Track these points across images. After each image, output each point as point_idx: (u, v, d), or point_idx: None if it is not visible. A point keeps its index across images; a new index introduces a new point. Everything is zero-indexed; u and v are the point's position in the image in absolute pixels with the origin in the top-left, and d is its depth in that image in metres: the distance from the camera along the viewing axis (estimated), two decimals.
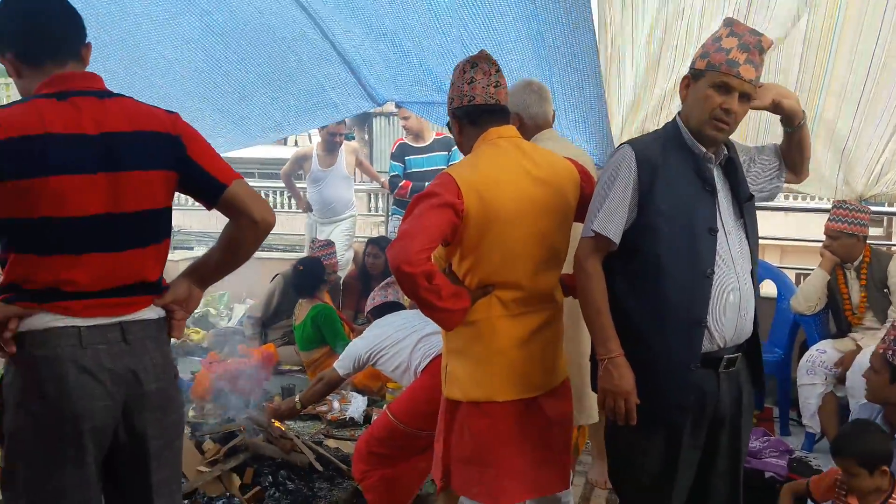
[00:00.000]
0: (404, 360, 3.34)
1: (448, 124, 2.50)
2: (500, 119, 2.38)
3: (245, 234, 2.01)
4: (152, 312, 1.97)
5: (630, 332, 2.21)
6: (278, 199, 14.76)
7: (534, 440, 2.38)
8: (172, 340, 2.07)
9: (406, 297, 3.52)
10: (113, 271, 1.88)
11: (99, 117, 1.85)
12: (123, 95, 1.95)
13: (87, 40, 1.98)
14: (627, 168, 2.20)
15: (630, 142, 2.28)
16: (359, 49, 4.05)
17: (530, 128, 3.13)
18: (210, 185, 1.97)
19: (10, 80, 1.96)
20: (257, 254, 2.14)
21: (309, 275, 5.27)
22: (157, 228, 1.97)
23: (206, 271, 2.10)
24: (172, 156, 1.94)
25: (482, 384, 2.33)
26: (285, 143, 21.57)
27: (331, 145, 6.42)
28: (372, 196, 13.60)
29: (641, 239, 2.20)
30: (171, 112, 1.99)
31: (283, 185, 7.11)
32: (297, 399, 3.69)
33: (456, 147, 6.13)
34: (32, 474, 1.84)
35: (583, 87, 3.49)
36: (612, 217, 2.19)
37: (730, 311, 2.18)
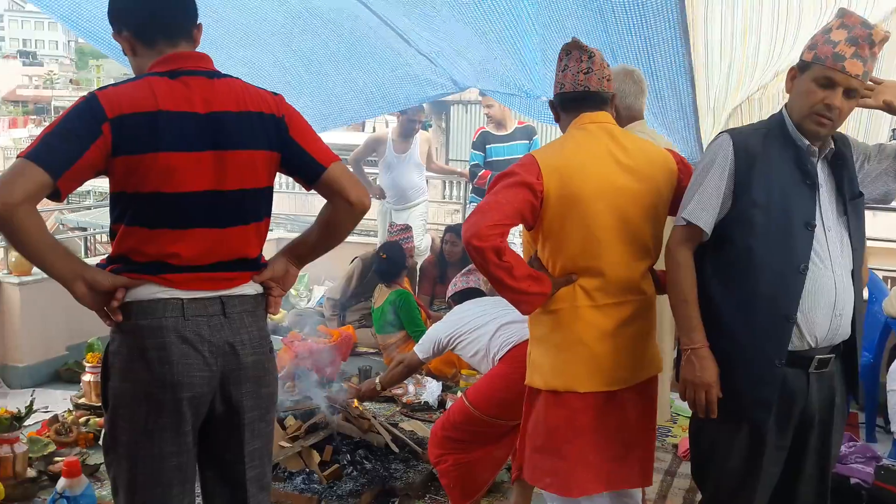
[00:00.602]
0: (483, 347, 3.36)
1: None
2: (592, 105, 2.35)
3: (341, 215, 2.06)
4: (251, 288, 2.02)
5: (716, 325, 2.18)
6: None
7: (612, 435, 2.35)
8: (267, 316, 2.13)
9: (487, 283, 3.54)
10: (215, 247, 1.94)
11: (208, 96, 1.91)
12: (231, 76, 2.00)
13: (198, 21, 2.04)
14: (724, 156, 2.16)
15: (730, 130, 2.24)
16: (443, 36, 4.06)
17: (623, 117, 3.10)
18: (310, 166, 2.02)
19: (101, 60, 2.03)
20: None
21: (392, 262, 5.34)
22: (258, 207, 2.02)
23: (303, 250, 2.15)
24: (276, 136, 1.98)
25: (562, 374, 2.31)
26: (362, 129, 21.81)
27: (408, 130, 6.43)
28: (447, 183, 13.62)
29: (734, 230, 2.16)
30: (276, 94, 2.04)
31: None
32: (377, 381, 3.75)
33: (537, 136, 6.17)
34: (134, 439, 1.92)
35: (675, 83, 3.41)
36: (705, 206, 2.16)
37: (823, 310, 2.11)
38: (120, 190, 1.87)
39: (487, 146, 6.18)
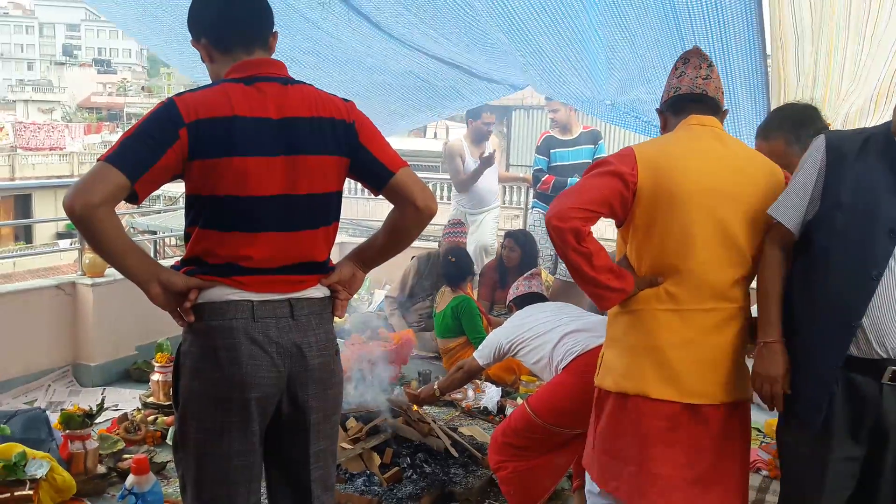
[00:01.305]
0: (546, 355, 3.32)
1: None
2: (704, 108, 2.31)
3: (408, 220, 2.07)
4: (318, 291, 2.05)
5: (789, 324, 2.19)
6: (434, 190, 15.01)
7: (691, 453, 2.22)
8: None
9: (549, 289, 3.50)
10: (286, 250, 1.97)
11: (282, 102, 1.94)
12: (304, 82, 2.03)
13: (275, 29, 2.08)
14: (815, 156, 2.14)
15: (828, 131, 2.20)
16: (512, 33, 4.05)
17: None
18: (379, 171, 2.04)
19: (172, 69, 2.09)
20: None
21: (459, 266, 5.35)
22: (328, 211, 2.05)
23: (370, 255, 2.16)
24: (346, 142, 2.01)
25: (634, 376, 2.24)
26: (423, 135, 21.99)
27: (480, 136, 6.44)
28: (507, 189, 13.59)
29: (816, 230, 2.14)
30: (347, 100, 2.06)
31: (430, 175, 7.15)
32: (435, 386, 3.74)
33: (603, 140, 6.10)
34: (203, 437, 1.96)
35: (751, 87, 3.35)
36: (787, 201, 2.16)
37: (894, 320, 2.03)
38: (195, 193, 1.92)
39: (552, 151, 6.13)
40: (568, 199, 2.16)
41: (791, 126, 2.64)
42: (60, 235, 24.76)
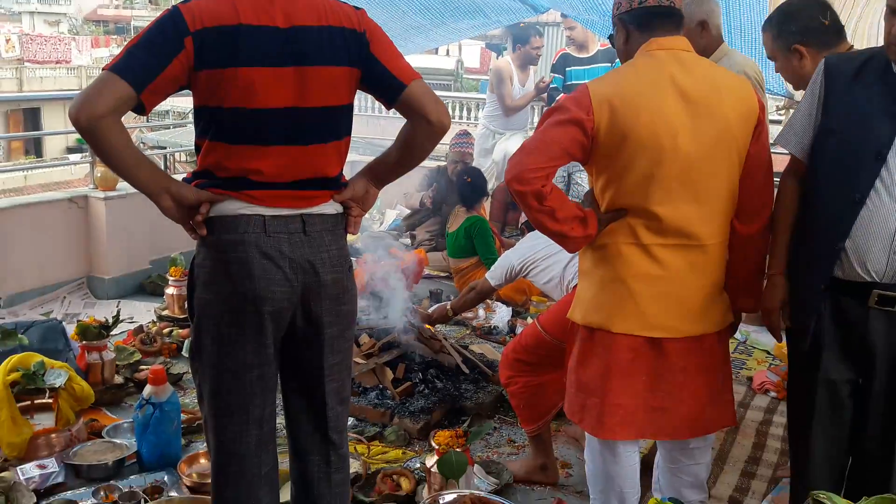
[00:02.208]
0: (557, 275, 3.33)
1: (611, 36, 2.33)
2: (672, 24, 2.17)
3: (421, 134, 2.01)
4: (331, 207, 2.02)
5: (789, 252, 2.24)
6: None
7: (651, 383, 2.22)
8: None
9: None
10: (296, 164, 1.93)
11: (289, 10, 1.87)
12: None
13: None
14: (815, 80, 2.13)
15: (831, 55, 2.12)
16: None
17: (715, 38, 2.95)
18: (390, 83, 1.97)
19: None
20: None
21: (475, 186, 5.31)
22: (338, 125, 2.00)
23: (383, 170, 2.12)
24: (357, 52, 1.94)
25: (599, 310, 2.22)
26: (436, 52, 21.55)
27: (528, 60, 6.33)
28: (529, 109, 13.41)
29: (813, 157, 2.15)
30: (358, 8, 1.99)
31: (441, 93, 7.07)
32: (448, 307, 3.77)
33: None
34: (217, 348, 1.97)
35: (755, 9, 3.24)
36: (794, 130, 2.15)
37: (878, 242, 2.01)
38: (203, 104, 1.88)
39: (568, 69, 6.00)
40: (528, 157, 2.07)
41: (777, 20, 2.57)
42: (70, 150, 24.72)
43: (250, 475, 2.04)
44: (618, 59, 2.33)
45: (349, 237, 2.16)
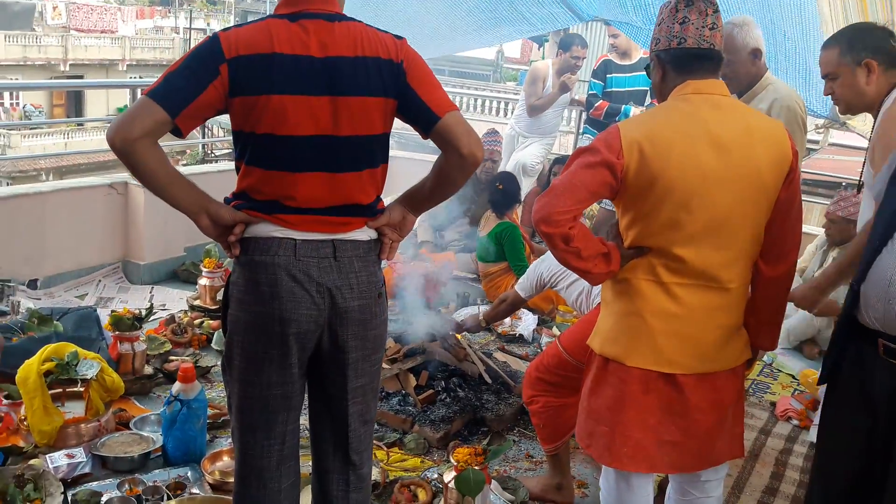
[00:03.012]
0: (585, 289, 3.34)
1: (647, 67, 2.29)
2: (710, 67, 2.14)
3: (453, 166, 2.02)
4: (364, 234, 2.04)
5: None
6: (477, 102, 14.73)
7: (664, 418, 2.22)
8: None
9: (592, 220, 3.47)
10: (327, 192, 1.96)
11: (326, 40, 1.90)
12: (354, 19, 1.97)
13: None
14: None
15: None
16: None
17: (762, 66, 2.92)
18: (425, 115, 1.98)
19: None
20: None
21: (507, 193, 5.30)
22: (373, 153, 2.02)
23: (419, 199, 2.14)
24: (393, 83, 1.96)
25: (616, 342, 2.23)
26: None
27: (567, 68, 6.24)
28: (565, 109, 13.28)
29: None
30: (399, 38, 2.00)
31: (475, 91, 7.06)
32: (481, 317, 3.81)
33: None
34: (245, 365, 2.03)
35: (807, 32, 3.20)
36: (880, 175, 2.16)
37: (875, 291, 2.02)
38: (239, 129, 1.93)
39: (608, 75, 5.95)
40: (556, 199, 2.06)
41: (849, 35, 2.64)
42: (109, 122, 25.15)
43: (270, 489, 2.10)
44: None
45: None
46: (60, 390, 3.18)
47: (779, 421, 3.96)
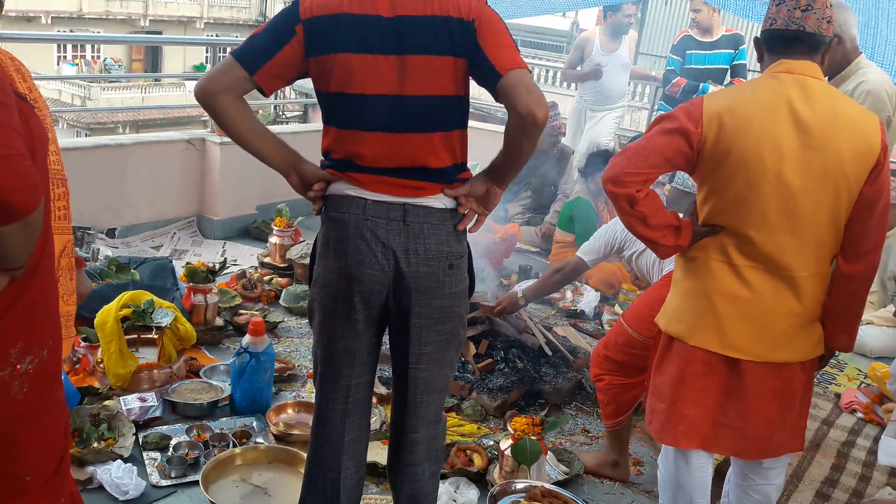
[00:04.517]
0: (656, 258, 3.27)
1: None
2: (800, 50, 2.09)
3: (513, 128, 1.92)
4: (438, 201, 2.02)
5: None
6: (549, 74, 14.57)
7: (720, 399, 2.21)
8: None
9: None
10: (395, 152, 1.97)
11: (396, 0, 1.90)
12: None
13: None
14: None
15: None
16: None
17: (850, 50, 2.82)
18: (489, 73, 1.89)
19: None
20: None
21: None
22: (444, 116, 1.98)
23: (498, 169, 2.07)
24: (462, 42, 1.91)
25: (680, 321, 2.23)
26: (564, 16, 21.19)
27: (618, 29, 6.15)
28: (639, 84, 13.03)
29: None
30: None
31: (546, 62, 6.97)
32: (520, 293, 3.73)
33: (745, 46, 5.73)
34: (321, 316, 2.11)
35: None
36: None
37: None
38: (318, 89, 1.99)
39: (688, 52, 5.82)
40: (627, 160, 2.06)
41: None
42: (186, 78, 25.70)
43: (334, 440, 2.16)
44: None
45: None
46: (136, 336, 3.31)
47: (842, 413, 3.88)
